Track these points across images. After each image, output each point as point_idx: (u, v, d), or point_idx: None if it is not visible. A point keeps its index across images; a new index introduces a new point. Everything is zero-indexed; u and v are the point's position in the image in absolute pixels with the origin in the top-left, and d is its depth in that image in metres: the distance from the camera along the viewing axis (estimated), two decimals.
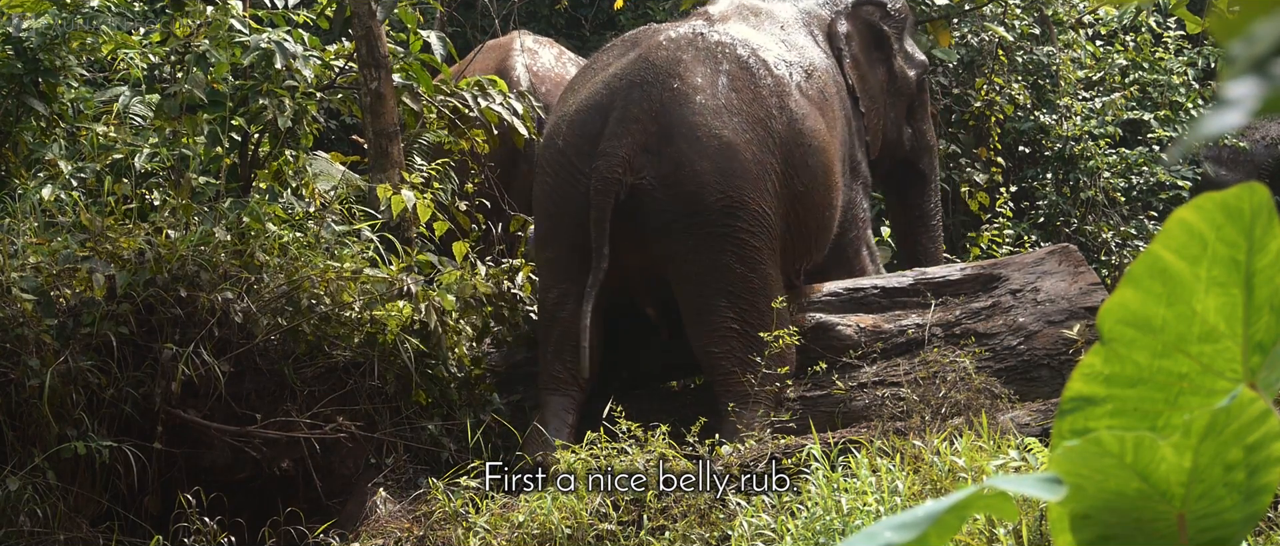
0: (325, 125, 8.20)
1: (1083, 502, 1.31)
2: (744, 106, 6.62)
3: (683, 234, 6.44)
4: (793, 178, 6.69)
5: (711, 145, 6.48)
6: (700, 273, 6.44)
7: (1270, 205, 1.29)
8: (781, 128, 6.67)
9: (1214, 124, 1.05)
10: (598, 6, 11.46)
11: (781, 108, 6.71)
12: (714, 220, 6.43)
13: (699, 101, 6.54)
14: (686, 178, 6.45)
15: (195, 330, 6.02)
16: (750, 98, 6.66)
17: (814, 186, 6.80)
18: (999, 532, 4.83)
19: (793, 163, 6.69)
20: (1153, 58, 10.70)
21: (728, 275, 6.43)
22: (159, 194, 6.61)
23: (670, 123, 6.49)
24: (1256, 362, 1.32)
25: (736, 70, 6.71)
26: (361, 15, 7.04)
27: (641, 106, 6.50)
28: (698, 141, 6.47)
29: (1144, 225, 9.73)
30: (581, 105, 6.68)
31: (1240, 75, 1.05)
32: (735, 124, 6.56)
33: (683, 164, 6.46)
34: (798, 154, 6.72)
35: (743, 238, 6.46)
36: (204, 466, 6.10)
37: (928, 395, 6.03)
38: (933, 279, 7.04)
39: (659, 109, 6.50)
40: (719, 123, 6.53)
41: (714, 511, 5.44)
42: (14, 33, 6.89)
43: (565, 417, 6.38)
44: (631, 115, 6.49)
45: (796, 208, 6.72)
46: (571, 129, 6.64)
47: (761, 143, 6.58)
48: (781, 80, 6.82)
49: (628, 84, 6.58)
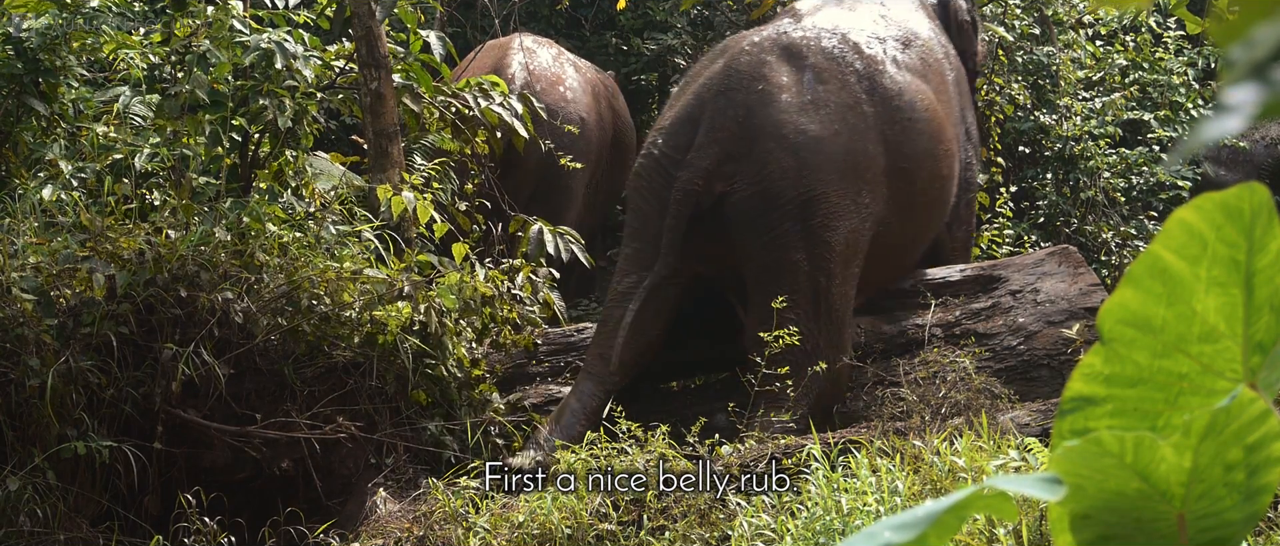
0: (325, 125, 8.19)
1: (1083, 502, 1.31)
2: (831, 96, 6.66)
3: (761, 228, 6.51)
4: (895, 155, 6.72)
5: (798, 141, 6.54)
6: (769, 266, 6.49)
7: (1270, 205, 1.29)
8: (874, 110, 6.71)
9: (1214, 129, 1.05)
10: (598, 6, 11.46)
11: (872, 89, 6.75)
12: (789, 213, 6.49)
13: (784, 100, 6.61)
14: (771, 175, 6.52)
15: (195, 330, 6.01)
16: (838, 87, 6.70)
17: (920, 158, 6.84)
18: (999, 532, 4.83)
19: (891, 141, 6.72)
20: (1153, 58, 10.70)
21: (796, 275, 6.47)
22: (159, 194, 6.61)
23: (755, 126, 6.58)
24: (1256, 362, 1.32)
25: (822, 62, 6.76)
26: (361, 15, 7.04)
27: (728, 115, 6.61)
28: (784, 139, 6.54)
29: (1144, 225, 9.73)
30: (676, 116, 6.81)
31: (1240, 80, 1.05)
32: (822, 116, 6.61)
33: (769, 162, 6.53)
34: (895, 130, 6.75)
35: (817, 234, 6.49)
36: (204, 466, 6.10)
37: (928, 395, 6.03)
38: (933, 279, 7.04)
39: (744, 114, 6.60)
40: (805, 118, 6.59)
41: (714, 511, 5.44)
42: (14, 33, 6.88)
43: (588, 401, 6.44)
44: (718, 125, 6.60)
45: (902, 183, 6.75)
46: (666, 139, 6.76)
47: (853, 130, 6.63)
48: (872, 59, 6.86)
49: (715, 93, 6.70)
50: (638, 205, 6.86)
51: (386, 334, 6.25)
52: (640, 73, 11.13)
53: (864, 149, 6.64)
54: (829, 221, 6.50)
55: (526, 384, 6.84)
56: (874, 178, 6.65)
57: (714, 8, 10.91)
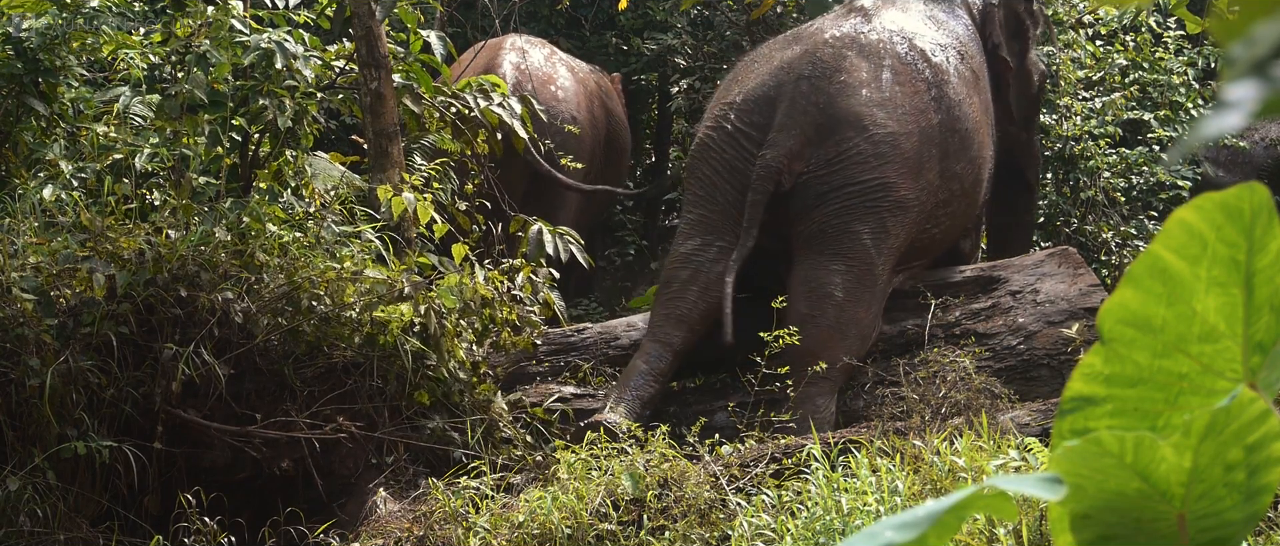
0: (325, 125, 8.19)
1: (1083, 502, 1.31)
2: (906, 100, 6.94)
3: (832, 199, 6.76)
4: (949, 162, 7.03)
5: (877, 133, 6.82)
6: (832, 232, 6.74)
7: (1270, 205, 1.29)
8: (939, 118, 7.01)
9: (1214, 126, 1.05)
10: (598, 6, 11.46)
11: (939, 98, 7.04)
12: (863, 192, 6.75)
13: (865, 95, 6.88)
14: (848, 160, 6.78)
15: (195, 330, 6.01)
16: (911, 91, 6.98)
17: (968, 167, 7.15)
18: (999, 532, 4.83)
19: (949, 150, 7.03)
20: (1153, 58, 10.70)
21: (855, 244, 6.72)
22: (159, 194, 6.60)
23: (837, 114, 6.83)
24: (1256, 362, 1.32)
25: (898, 65, 7.04)
26: (361, 15, 7.04)
27: (811, 99, 6.85)
28: (865, 130, 6.81)
29: (1144, 225, 9.73)
30: (749, 93, 7.04)
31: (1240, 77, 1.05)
32: (899, 115, 6.90)
33: (847, 149, 6.79)
34: (954, 141, 7.06)
35: (882, 216, 6.75)
36: (204, 466, 6.10)
37: (928, 395, 6.03)
38: (933, 279, 7.04)
39: (826, 101, 6.85)
40: (884, 114, 6.86)
41: (714, 511, 5.44)
42: (14, 33, 6.88)
43: (657, 364, 6.63)
44: (800, 108, 6.84)
45: (951, 186, 7.06)
46: (740, 115, 6.99)
47: (922, 134, 6.92)
48: (939, 68, 7.15)
49: (796, 77, 6.94)
50: (706, 175, 7.04)
51: (387, 334, 6.25)
52: (640, 73, 11.12)
53: (928, 152, 6.94)
54: (894, 210, 6.77)
55: (527, 384, 6.84)
56: (929, 182, 6.93)
57: (714, 8, 10.91)
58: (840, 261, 6.68)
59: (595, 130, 9.34)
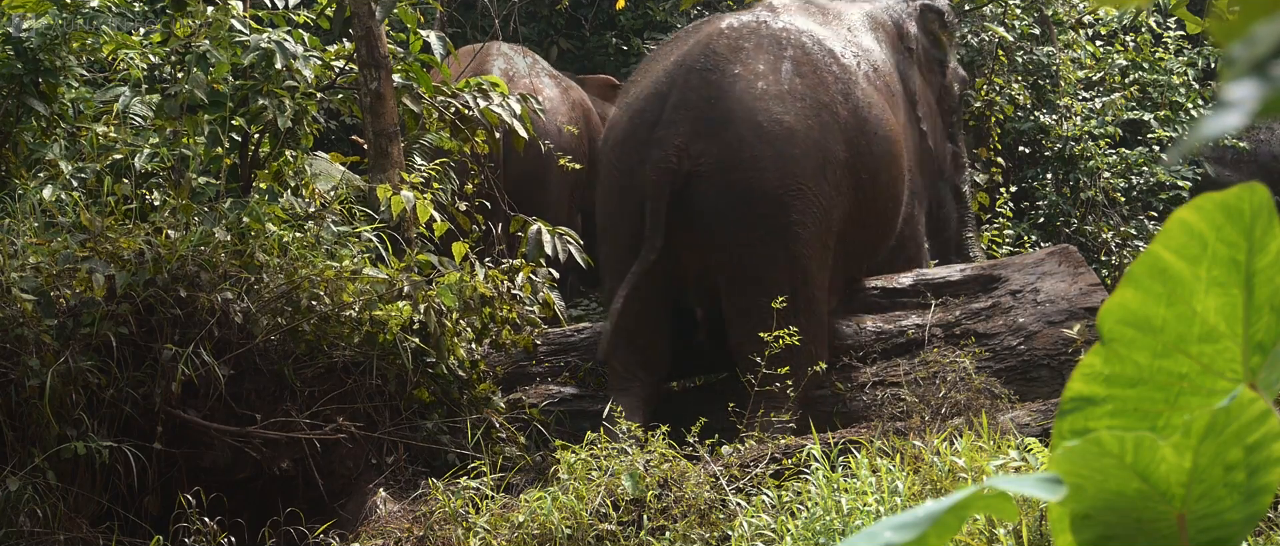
0: (325, 125, 8.19)
1: (1083, 502, 1.31)
2: (808, 92, 6.50)
3: (737, 223, 6.34)
4: (857, 166, 6.59)
5: (772, 130, 6.37)
6: (751, 265, 6.34)
7: (1270, 205, 1.29)
8: (846, 115, 6.57)
9: (1214, 126, 1.05)
10: (598, 6, 11.46)
11: (847, 94, 6.61)
12: (769, 209, 6.32)
13: (761, 87, 6.44)
14: (745, 163, 6.35)
15: (195, 330, 6.01)
16: (815, 83, 6.55)
17: (879, 176, 6.72)
18: (999, 532, 4.83)
19: (858, 150, 6.59)
20: (1153, 58, 10.70)
21: (775, 269, 6.32)
22: (159, 194, 6.60)
23: (729, 107, 6.39)
24: (1256, 363, 1.32)
25: (801, 57, 6.62)
26: (361, 15, 7.04)
27: (700, 92, 6.42)
28: (758, 126, 6.37)
29: (1144, 225, 9.73)
30: (640, 94, 6.66)
31: (1240, 77, 1.05)
32: (798, 109, 6.44)
33: (741, 149, 6.36)
34: (863, 142, 6.62)
35: (797, 231, 6.35)
36: (204, 466, 6.10)
37: (928, 395, 6.03)
38: (933, 279, 7.04)
39: (717, 94, 6.40)
40: (781, 108, 6.42)
41: (714, 511, 5.44)
42: (14, 33, 6.88)
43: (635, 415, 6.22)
44: (689, 101, 6.41)
45: (860, 197, 6.63)
46: (631, 119, 6.60)
47: (825, 128, 6.47)
48: (848, 69, 6.74)
49: (686, 69, 6.52)
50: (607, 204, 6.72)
51: (386, 333, 6.25)
52: None
53: (836, 152, 6.51)
54: (804, 217, 6.37)
55: (527, 384, 6.84)
56: (838, 180, 6.52)
57: (714, 8, 10.91)
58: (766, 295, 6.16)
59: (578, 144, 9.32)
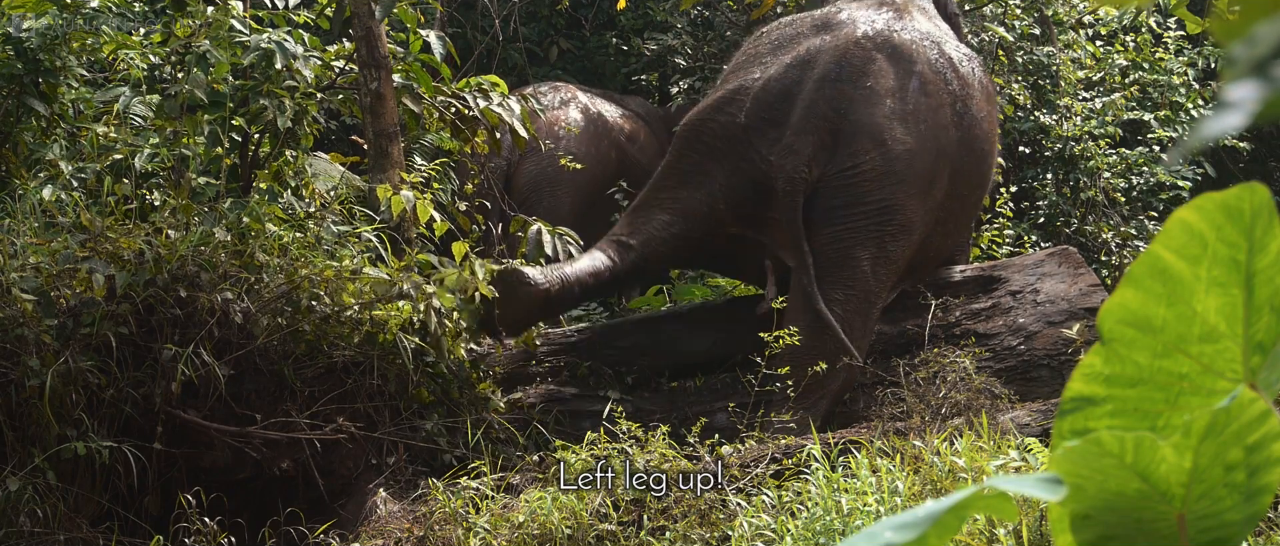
0: (325, 125, 8.19)
1: (1083, 502, 1.31)
2: (928, 114, 6.66)
3: (836, 219, 6.52)
4: (957, 182, 6.79)
5: (894, 150, 6.54)
6: (831, 257, 6.50)
7: (1270, 205, 1.29)
8: (956, 135, 6.74)
9: (1215, 126, 1.05)
10: (598, 6, 11.46)
11: (961, 114, 6.78)
12: (868, 214, 6.52)
13: (889, 106, 6.60)
14: (859, 175, 6.53)
15: (195, 330, 6.01)
16: (937, 104, 6.70)
17: (975, 185, 6.95)
18: (999, 533, 4.83)
19: (961, 170, 6.79)
20: (1153, 58, 10.70)
21: (855, 270, 6.50)
22: (159, 194, 6.60)
23: (857, 122, 6.56)
24: (1257, 363, 1.32)
25: (928, 73, 6.76)
26: (361, 15, 7.04)
27: (831, 104, 6.58)
28: (883, 146, 6.53)
29: (1144, 225, 9.73)
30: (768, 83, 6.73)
31: (1241, 77, 1.05)
32: (921, 131, 6.62)
33: (860, 163, 6.53)
34: (968, 161, 6.82)
35: (885, 241, 6.52)
36: (204, 466, 6.10)
37: (928, 395, 6.02)
38: (933, 279, 7.04)
39: (848, 107, 6.57)
40: (904, 129, 6.59)
41: (714, 511, 5.44)
42: (14, 33, 6.88)
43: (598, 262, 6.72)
44: (820, 112, 6.57)
45: (954, 205, 6.83)
46: (756, 105, 6.70)
47: (939, 152, 6.66)
48: (965, 80, 6.88)
49: (820, 77, 6.65)
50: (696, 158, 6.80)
51: (386, 333, 6.25)
52: (640, 73, 11.12)
53: (941, 172, 6.70)
54: (898, 234, 6.55)
55: (527, 384, 6.84)
56: (936, 201, 6.72)
57: (714, 8, 10.91)
58: (840, 289, 6.47)
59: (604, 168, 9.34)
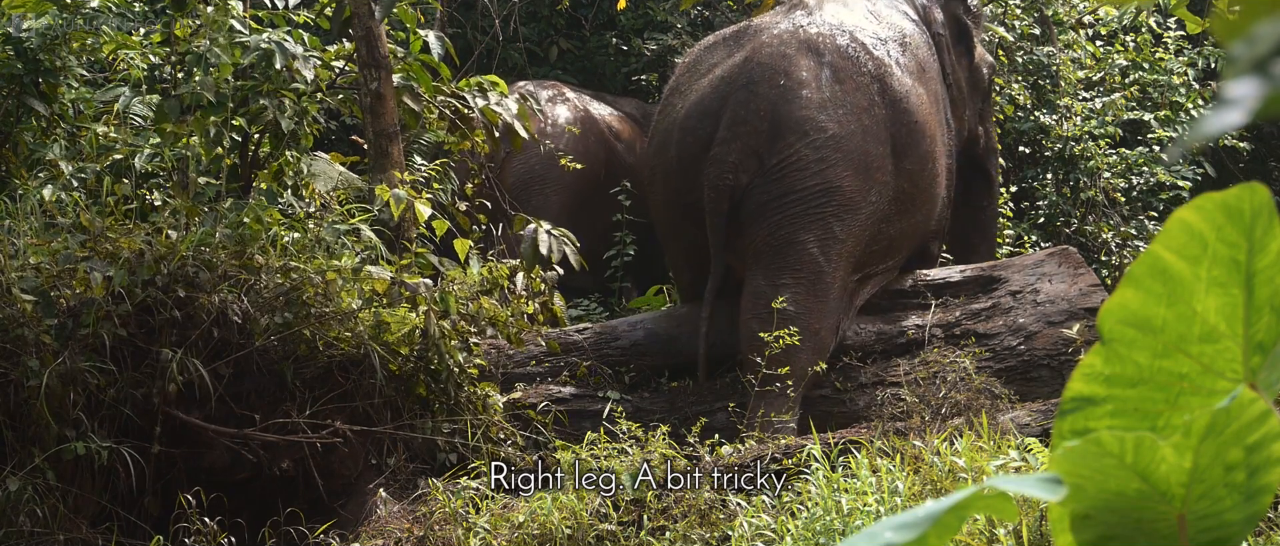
0: (325, 125, 8.19)
1: (1083, 502, 1.30)
2: (848, 97, 6.82)
3: (775, 210, 6.67)
4: (901, 158, 6.90)
5: (817, 139, 6.71)
6: (777, 245, 6.65)
7: (1270, 205, 1.29)
8: (884, 112, 6.89)
9: (1214, 124, 1.05)
10: (598, 6, 11.46)
11: (883, 91, 6.92)
12: (807, 198, 6.66)
13: (805, 96, 6.77)
14: (791, 168, 6.69)
15: (194, 331, 6.01)
16: (853, 87, 6.86)
17: (920, 162, 7.01)
18: (999, 533, 4.83)
19: (899, 144, 6.91)
20: (1153, 58, 10.70)
21: (801, 255, 6.62)
22: (159, 194, 6.60)
23: (779, 120, 6.75)
24: (1257, 363, 1.32)
25: (839, 61, 6.91)
26: (361, 15, 7.04)
27: (750, 108, 6.76)
28: (806, 136, 6.70)
29: (1144, 225, 9.73)
30: (691, 110, 6.96)
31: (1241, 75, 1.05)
32: (840, 115, 6.78)
33: (790, 157, 6.70)
34: (903, 134, 6.93)
35: (829, 221, 6.65)
36: (204, 467, 6.09)
37: (928, 395, 6.02)
38: (933, 280, 7.04)
39: (768, 108, 6.75)
40: (826, 116, 6.75)
41: (714, 511, 5.44)
42: (14, 33, 6.88)
43: None
44: (741, 117, 6.76)
45: (904, 183, 6.92)
46: (683, 134, 6.93)
47: (866, 131, 6.81)
48: (880, 62, 7.02)
49: (737, 87, 6.84)
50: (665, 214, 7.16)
51: (387, 332, 6.25)
52: (640, 73, 11.12)
53: (875, 150, 6.79)
54: (840, 213, 6.65)
55: (527, 384, 6.84)
56: (882, 179, 6.80)
57: (714, 8, 10.91)
58: (787, 274, 6.58)
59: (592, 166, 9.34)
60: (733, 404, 6.41)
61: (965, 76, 7.99)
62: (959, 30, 7.97)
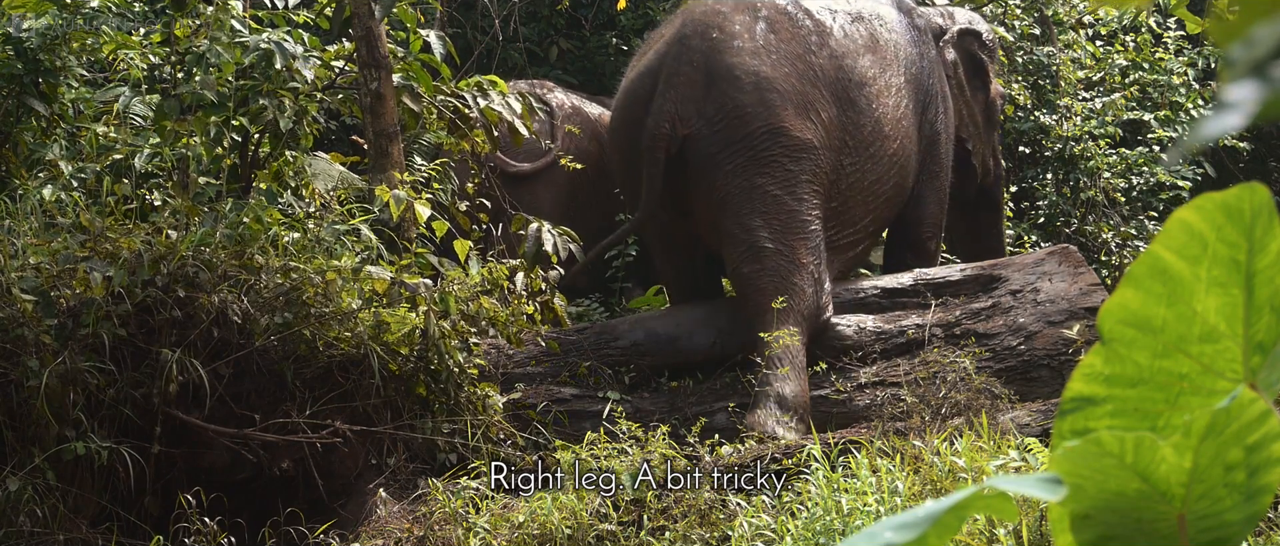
0: (325, 125, 8.19)
1: (1083, 503, 1.31)
2: (782, 45, 6.98)
3: (726, 161, 6.78)
4: (844, 110, 7.00)
5: (750, 81, 6.84)
6: (738, 193, 6.75)
7: (1270, 205, 1.29)
8: (824, 61, 7.01)
9: (1214, 126, 1.05)
10: (598, 6, 11.45)
11: (821, 45, 7.06)
12: (754, 143, 6.77)
13: (737, 46, 6.91)
14: (730, 113, 6.81)
15: (194, 331, 6.01)
16: (788, 36, 7.02)
17: (865, 120, 7.09)
18: (999, 533, 4.83)
19: (840, 96, 7.01)
20: (1153, 58, 10.69)
21: (764, 197, 6.73)
22: (159, 194, 6.60)
23: (712, 69, 6.88)
24: (1257, 363, 1.32)
25: (775, 15, 7.09)
26: (361, 15, 7.04)
27: (684, 60, 6.92)
28: (737, 80, 6.84)
29: (1144, 225, 9.73)
30: (635, 76, 7.18)
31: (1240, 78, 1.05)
32: (773, 60, 6.92)
33: (725, 103, 6.82)
34: (843, 88, 7.03)
35: (782, 161, 6.76)
36: (204, 467, 6.09)
37: (928, 395, 6.03)
38: (933, 279, 7.04)
39: (701, 59, 6.90)
40: (757, 62, 6.89)
41: (714, 511, 5.44)
42: (14, 33, 6.88)
43: None
44: (675, 70, 6.92)
45: (850, 139, 7.02)
46: (626, 98, 7.15)
47: (802, 75, 6.93)
48: (821, 23, 7.17)
49: (672, 44, 7.03)
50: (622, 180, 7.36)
51: (387, 332, 6.25)
52: None
53: (813, 92, 6.92)
54: (791, 152, 6.78)
55: (527, 384, 6.84)
56: (827, 121, 6.92)
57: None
58: (758, 218, 6.72)
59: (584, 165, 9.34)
60: (733, 404, 6.41)
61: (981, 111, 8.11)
62: (974, 66, 8.09)
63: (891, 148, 7.21)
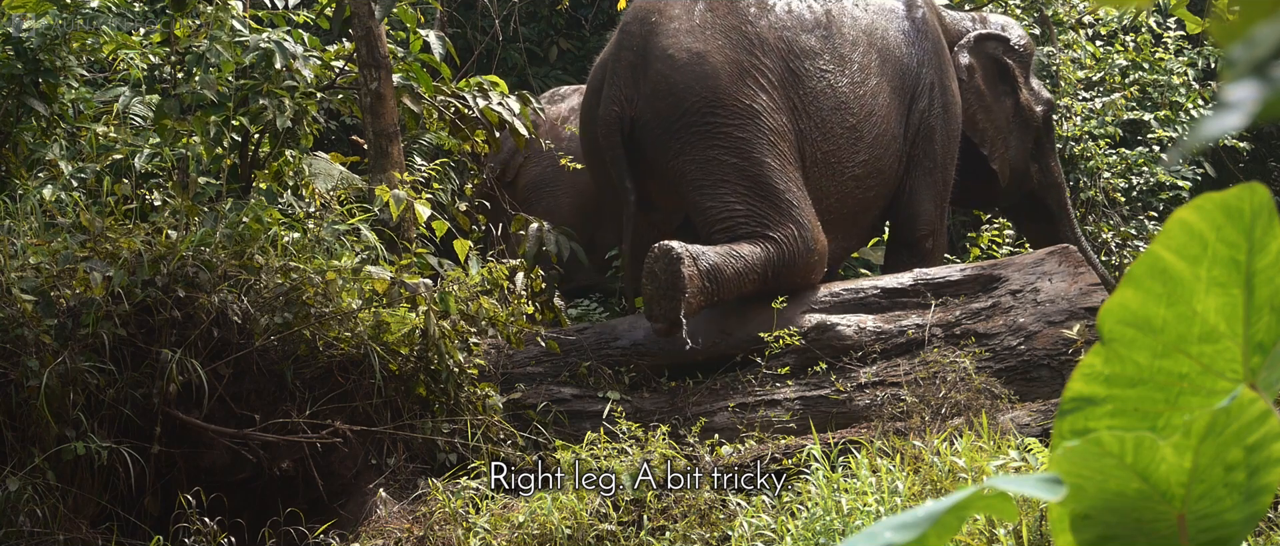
0: (325, 125, 8.19)
1: (1083, 503, 1.31)
2: (717, 20, 7.05)
3: (673, 141, 6.87)
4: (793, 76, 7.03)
5: (683, 58, 6.92)
6: (695, 170, 6.83)
7: (1270, 205, 1.29)
8: (763, 30, 7.05)
9: (1214, 126, 1.05)
10: (598, 6, 11.46)
11: (760, 16, 7.11)
12: (694, 118, 6.84)
13: (672, 27, 7.02)
14: (665, 92, 6.90)
15: (194, 331, 6.01)
16: (726, 11, 7.09)
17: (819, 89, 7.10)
18: (999, 533, 4.83)
19: (789, 67, 7.04)
20: (1153, 58, 10.70)
21: (721, 167, 6.80)
22: (159, 194, 6.60)
23: (648, 51, 7.00)
24: (1257, 363, 1.32)
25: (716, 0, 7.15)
26: (361, 15, 7.04)
27: (624, 45, 7.06)
28: (670, 59, 6.93)
29: (1144, 225, 9.73)
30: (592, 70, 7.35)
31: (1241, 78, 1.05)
32: (707, 35, 6.99)
33: (660, 83, 6.92)
34: (787, 56, 7.06)
35: (727, 130, 6.83)
36: (204, 467, 6.10)
37: (928, 395, 6.03)
38: (933, 279, 7.04)
39: (639, 43, 7.02)
40: (691, 39, 6.98)
41: (714, 511, 5.44)
42: (14, 33, 6.88)
43: None
44: (617, 56, 7.06)
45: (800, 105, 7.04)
46: (586, 93, 7.31)
47: (737, 45, 6.98)
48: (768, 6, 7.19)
49: (618, 34, 7.17)
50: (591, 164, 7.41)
51: (387, 332, 6.25)
52: None
53: (752, 58, 6.97)
54: (734, 118, 6.84)
55: (527, 384, 6.84)
56: (771, 85, 6.95)
57: None
58: (725, 187, 6.78)
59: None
60: (733, 404, 6.41)
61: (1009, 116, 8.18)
62: (999, 70, 8.14)
63: (851, 121, 7.21)
